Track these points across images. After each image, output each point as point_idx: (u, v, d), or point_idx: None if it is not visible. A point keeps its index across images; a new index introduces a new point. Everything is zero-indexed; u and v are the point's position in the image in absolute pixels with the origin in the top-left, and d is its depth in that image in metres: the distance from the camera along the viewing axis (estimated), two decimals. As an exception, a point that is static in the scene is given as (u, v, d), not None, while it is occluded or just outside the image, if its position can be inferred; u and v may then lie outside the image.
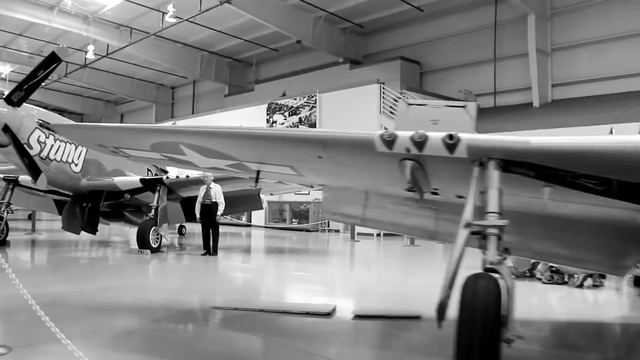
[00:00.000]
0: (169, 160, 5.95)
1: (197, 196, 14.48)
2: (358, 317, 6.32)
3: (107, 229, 20.30)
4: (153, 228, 13.10)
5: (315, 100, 23.05)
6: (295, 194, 20.85)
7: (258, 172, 5.66)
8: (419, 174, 3.95)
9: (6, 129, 11.16)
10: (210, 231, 12.81)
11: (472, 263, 3.50)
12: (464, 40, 25.33)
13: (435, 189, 4.80)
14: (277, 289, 9.34)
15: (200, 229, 13.19)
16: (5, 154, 11.92)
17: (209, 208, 12.65)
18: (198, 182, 13.25)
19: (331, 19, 26.97)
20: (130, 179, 14.32)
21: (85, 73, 34.85)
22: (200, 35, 30.23)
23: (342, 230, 22.86)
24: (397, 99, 21.28)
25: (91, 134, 6.31)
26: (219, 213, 12.71)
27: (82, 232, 14.38)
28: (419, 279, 10.36)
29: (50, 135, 12.32)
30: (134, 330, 5.60)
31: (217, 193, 12.68)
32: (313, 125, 22.96)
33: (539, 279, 9.23)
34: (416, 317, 6.20)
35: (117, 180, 13.79)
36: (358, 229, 20.86)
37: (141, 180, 13.68)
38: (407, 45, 27.14)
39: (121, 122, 46.25)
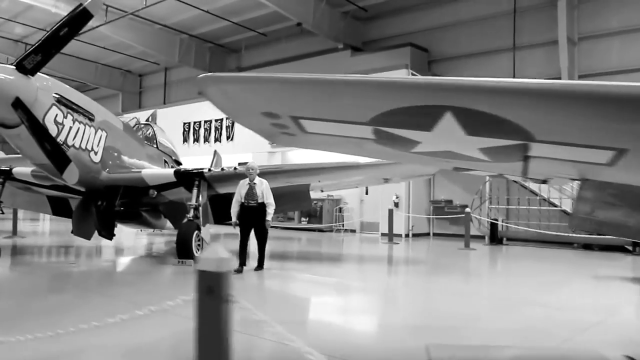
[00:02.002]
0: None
1: (230, 193, 12.16)
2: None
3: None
4: (196, 232, 10.60)
5: (329, 87, 20.73)
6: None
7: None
8: None
9: (17, 104, 8.49)
10: (257, 241, 9.90)
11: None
12: (478, 27, 23.63)
13: None
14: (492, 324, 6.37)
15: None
16: (11, 137, 9.17)
17: (254, 211, 9.71)
18: (241, 176, 10.83)
19: (333, 1, 24.81)
20: (161, 171, 11.82)
21: (47, 55, 31.14)
22: (182, 16, 27.42)
23: (358, 230, 20.78)
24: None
25: (268, 90, 3.87)
26: (268, 218, 9.75)
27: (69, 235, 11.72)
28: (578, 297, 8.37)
29: (69, 114, 9.64)
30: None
31: (265, 191, 9.78)
32: (327, 114, 20.66)
33: None
34: None
35: (145, 173, 11.24)
36: (383, 230, 18.88)
37: (176, 173, 11.13)
38: (413, 31, 25.24)
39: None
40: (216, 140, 24.35)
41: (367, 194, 20.55)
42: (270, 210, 9.74)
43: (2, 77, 8.43)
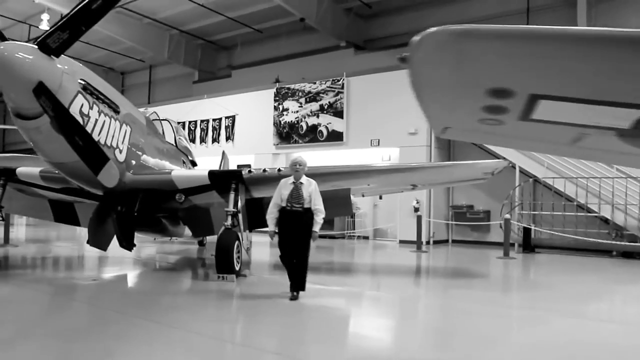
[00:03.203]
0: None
1: (264, 198, 10.90)
2: None
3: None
4: (237, 242, 9.25)
5: (343, 84, 19.57)
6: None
7: None
8: None
9: (40, 90, 7.07)
10: (295, 256, 7.50)
11: None
12: (488, 24, 22.72)
13: None
14: None
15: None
16: (27, 131, 7.71)
17: (298, 218, 7.38)
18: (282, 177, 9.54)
19: (336, -4, 23.75)
20: (193, 173, 10.48)
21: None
22: (174, 11, 25.94)
23: (371, 237, 19.62)
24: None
25: (524, 52, 2.56)
26: (315, 228, 7.45)
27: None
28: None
29: (95, 105, 8.23)
30: None
31: (314, 194, 7.50)
32: (339, 113, 19.46)
33: None
34: None
35: (176, 175, 9.87)
36: (401, 237, 17.78)
37: (211, 175, 9.77)
38: (418, 30, 23.99)
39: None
40: (214, 140, 22.92)
41: (380, 198, 19.41)
42: (320, 218, 7.45)
43: (21, 57, 6.99)
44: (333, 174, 9.82)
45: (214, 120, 23.26)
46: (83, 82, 8.06)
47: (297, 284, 7.52)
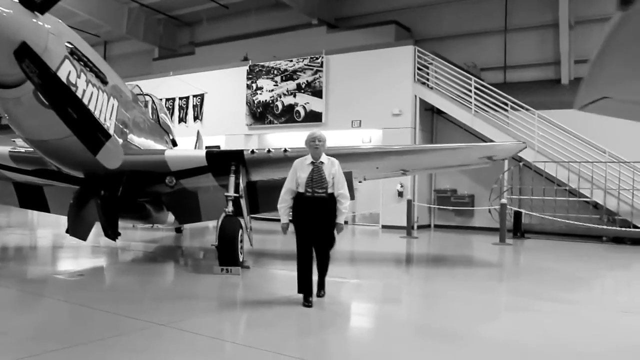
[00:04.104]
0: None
1: (257, 181, 10.01)
2: None
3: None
4: (240, 231, 8.31)
5: (322, 62, 18.62)
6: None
7: None
8: None
9: (23, 51, 5.93)
10: (316, 253, 6.28)
11: None
12: (466, 7, 22.23)
13: None
14: None
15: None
16: (5, 101, 6.54)
17: (321, 206, 6.11)
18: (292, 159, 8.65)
19: (308, -30, 22.71)
20: (188, 153, 9.48)
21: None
22: (134, -18, 24.35)
23: (350, 222, 18.89)
24: (429, 64, 17.72)
25: None
26: (340, 219, 6.20)
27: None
28: None
29: (82, 73, 7.11)
30: None
31: (337, 177, 6.18)
32: (318, 92, 18.53)
33: None
34: None
35: (169, 155, 8.80)
36: (383, 222, 17.17)
37: (208, 155, 8.75)
38: (393, 9, 23.47)
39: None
40: (181, 120, 21.58)
41: (360, 182, 18.63)
42: (345, 206, 6.18)
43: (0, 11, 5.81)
44: (355, 155, 9.00)
45: (180, 99, 21.91)
46: (70, 46, 6.93)
47: (320, 285, 6.48)
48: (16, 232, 14.67)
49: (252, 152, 8.82)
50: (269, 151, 8.81)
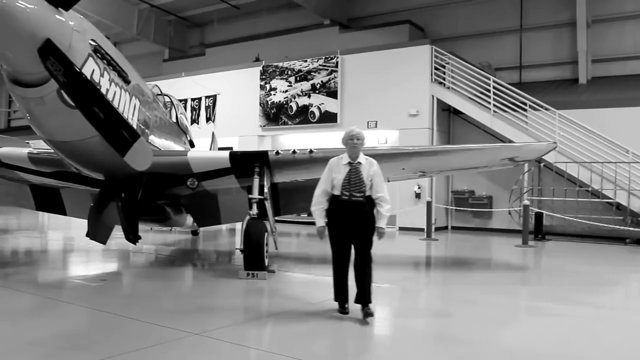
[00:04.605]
0: None
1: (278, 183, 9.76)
2: None
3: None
4: (266, 234, 8.08)
5: (337, 63, 18.38)
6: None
7: None
8: None
9: (48, 49, 5.71)
10: (355, 261, 5.74)
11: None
12: (480, 6, 21.96)
13: None
14: None
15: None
16: (27, 101, 6.33)
17: (359, 211, 5.63)
18: (318, 161, 8.41)
19: (322, -30, 22.51)
20: (212, 154, 9.27)
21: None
22: (144, -17, 24.20)
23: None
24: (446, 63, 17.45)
25: None
26: (382, 225, 5.66)
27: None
28: None
29: (105, 72, 6.89)
30: None
31: (375, 178, 5.69)
32: (333, 93, 18.29)
33: None
34: None
35: (192, 156, 8.57)
36: (400, 224, 16.91)
37: (232, 156, 8.53)
38: (405, 9, 23.24)
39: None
40: (193, 121, 21.34)
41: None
42: (386, 210, 5.67)
43: (24, 6, 5.59)
44: (388, 155, 8.74)
45: (192, 100, 21.71)
46: (94, 44, 6.74)
47: (363, 296, 5.63)
48: (29, 235, 14.48)
49: (277, 153, 8.58)
50: (294, 152, 8.57)
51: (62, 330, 5.10)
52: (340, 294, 5.81)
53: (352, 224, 5.66)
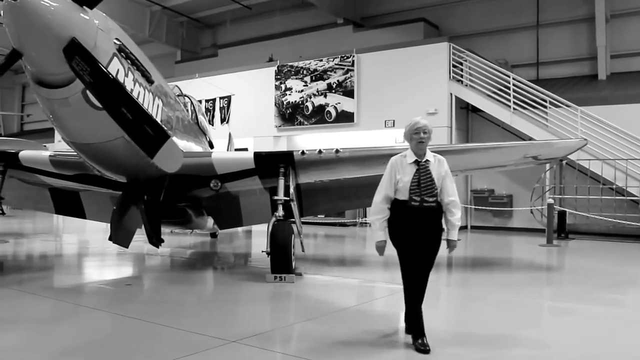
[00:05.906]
0: None
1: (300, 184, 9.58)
2: None
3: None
4: (293, 236, 7.90)
5: (353, 62, 18.19)
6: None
7: None
8: None
9: (74, 49, 5.55)
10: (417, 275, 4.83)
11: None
12: (495, 3, 21.68)
13: None
14: None
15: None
16: (51, 102, 6.18)
17: (429, 218, 4.68)
18: (346, 161, 8.21)
19: (336, -31, 22.33)
20: (236, 155, 9.08)
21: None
22: (156, -16, 24.11)
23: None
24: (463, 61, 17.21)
25: None
26: (453, 236, 4.81)
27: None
28: None
29: (129, 72, 6.73)
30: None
31: (446, 180, 4.75)
32: (349, 92, 18.11)
33: None
34: None
35: (217, 158, 8.40)
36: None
37: (256, 156, 8.35)
38: (419, 7, 23.01)
39: (23, 94, 37.81)
40: (208, 122, 21.19)
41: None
42: (457, 217, 4.77)
43: (48, 5, 5.44)
44: (463, 151, 8.55)
45: (207, 101, 21.59)
46: (118, 43, 6.58)
47: (417, 323, 4.71)
48: (45, 239, 14.38)
49: (303, 153, 8.39)
50: (320, 152, 8.37)
51: (94, 339, 4.94)
52: (416, 323, 4.72)
53: (424, 234, 4.69)
